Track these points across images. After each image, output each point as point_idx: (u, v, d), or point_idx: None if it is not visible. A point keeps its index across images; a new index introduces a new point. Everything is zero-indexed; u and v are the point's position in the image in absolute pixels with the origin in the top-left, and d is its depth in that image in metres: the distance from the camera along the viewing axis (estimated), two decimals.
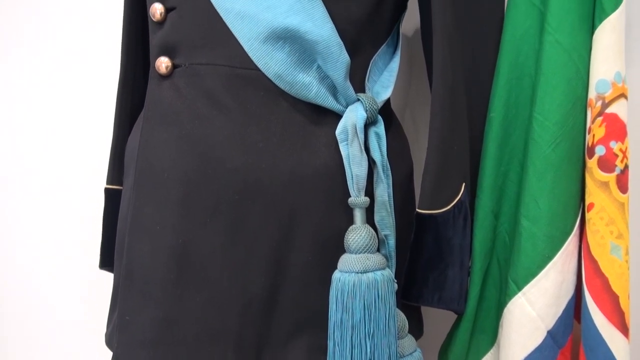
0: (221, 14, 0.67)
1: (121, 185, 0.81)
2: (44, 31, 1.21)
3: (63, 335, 1.25)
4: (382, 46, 0.76)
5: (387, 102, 0.78)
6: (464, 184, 0.74)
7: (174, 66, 0.70)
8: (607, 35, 0.71)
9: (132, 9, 0.84)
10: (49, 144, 1.23)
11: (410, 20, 0.93)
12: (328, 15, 0.67)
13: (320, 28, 0.66)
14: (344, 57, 0.68)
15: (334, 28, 0.67)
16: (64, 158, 1.22)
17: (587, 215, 0.72)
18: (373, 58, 0.74)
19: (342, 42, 0.68)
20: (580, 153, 0.73)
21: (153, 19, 0.71)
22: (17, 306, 1.28)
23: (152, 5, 0.71)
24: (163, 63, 0.70)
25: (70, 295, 1.24)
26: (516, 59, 0.78)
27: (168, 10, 0.70)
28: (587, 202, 0.72)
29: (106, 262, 0.88)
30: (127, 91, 0.86)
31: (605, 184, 0.71)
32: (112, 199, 0.86)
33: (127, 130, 0.83)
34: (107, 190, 0.88)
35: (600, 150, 0.71)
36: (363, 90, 0.73)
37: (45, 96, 1.22)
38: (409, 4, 0.81)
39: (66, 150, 1.21)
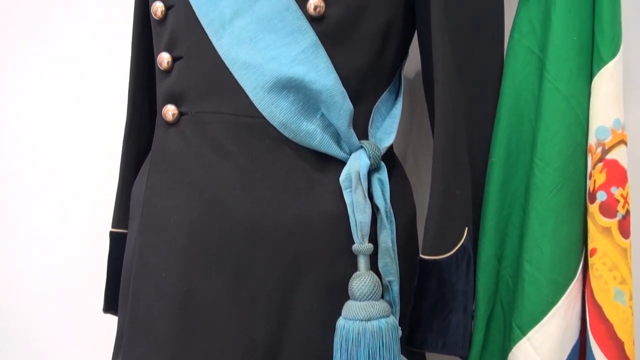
0: (227, 64, 0.69)
1: (126, 229, 0.82)
2: (44, 37, 1.24)
3: (63, 337, 1.26)
4: (384, 93, 0.77)
5: (390, 147, 0.79)
6: (466, 229, 0.74)
7: (181, 114, 0.72)
8: (606, 83, 0.72)
9: (138, 57, 0.85)
10: (50, 147, 1.25)
11: (412, 63, 0.95)
12: (332, 65, 0.69)
13: (324, 78, 0.68)
14: (348, 106, 0.69)
15: (338, 77, 0.69)
16: (66, 163, 1.24)
17: (590, 261, 0.72)
18: (375, 105, 0.75)
19: (345, 91, 0.69)
20: (581, 198, 0.74)
21: (160, 68, 0.73)
22: (17, 307, 1.28)
23: (160, 55, 0.73)
24: (170, 111, 0.71)
25: (71, 298, 1.25)
26: (516, 105, 0.79)
27: (175, 59, 0.72)
28: (589, 248, 0.73)
29: (110, 306, 0.88)
30: (134, 136, 0.87)
31: (607, 230, 0.71)
32: (117, 243, 0.86)
33: (133, 175, 0.84)
34: (112, 234, 0.89)
35: (601, 196, 0.72)
36: (366, 137, 0.74)
37: (47, 99, 1.24)
38: (410, 49, 0.83)
39: (68, 153, 1.24)
